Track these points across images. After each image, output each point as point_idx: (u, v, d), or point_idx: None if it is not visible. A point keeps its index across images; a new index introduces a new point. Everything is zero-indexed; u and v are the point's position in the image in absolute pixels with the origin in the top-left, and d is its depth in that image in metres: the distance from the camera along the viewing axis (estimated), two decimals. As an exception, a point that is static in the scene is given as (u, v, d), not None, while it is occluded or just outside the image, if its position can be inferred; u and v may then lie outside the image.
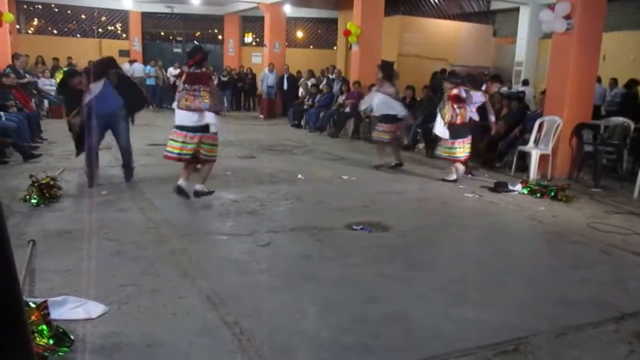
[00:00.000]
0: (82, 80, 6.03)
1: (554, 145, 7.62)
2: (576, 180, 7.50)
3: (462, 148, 7.17)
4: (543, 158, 7.66)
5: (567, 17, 7.43)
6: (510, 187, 6.79)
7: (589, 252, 4.59)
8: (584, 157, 7.62)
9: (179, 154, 5.40)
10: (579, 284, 3.80)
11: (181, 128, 5.33)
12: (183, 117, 5.32)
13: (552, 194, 6.44)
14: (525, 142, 7.95)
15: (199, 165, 5.76)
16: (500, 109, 9.37)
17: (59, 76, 6.34)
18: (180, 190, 5.49)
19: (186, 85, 5.29)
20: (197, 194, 5.60)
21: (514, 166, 8.01)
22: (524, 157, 8.02)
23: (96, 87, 6.01)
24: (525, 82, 12.91)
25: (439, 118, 7.25)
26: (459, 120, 7.05)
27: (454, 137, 7.11)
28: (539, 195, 6.51)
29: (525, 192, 6.64)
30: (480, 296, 3.50)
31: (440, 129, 7.23)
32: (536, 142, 7.80)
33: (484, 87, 7.92)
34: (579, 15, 7.36)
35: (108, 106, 6.04)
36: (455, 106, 7.06)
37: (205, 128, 5.34)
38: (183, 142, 5.33)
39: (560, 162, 7.70)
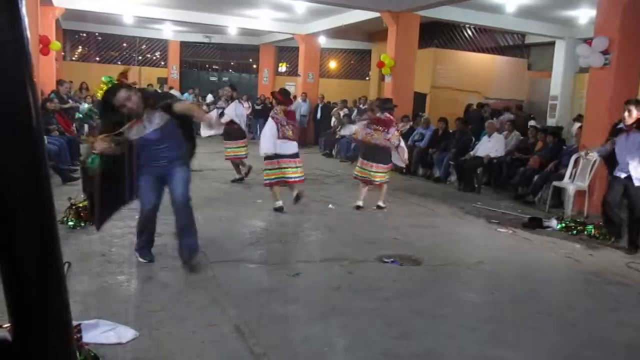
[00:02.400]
0: (133, 97, 3.99)
1: (591, 181, 7.45)
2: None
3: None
4: (579, 194, 7.49)
5: (605, 52, 7.35)
6: (545, 223, 6.64)
7: (628, 293, 4.43)
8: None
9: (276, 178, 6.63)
10: (618, 328, 3.66)
11: (277, 156, 6.55)
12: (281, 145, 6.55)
13: (589, 231, 6.27)
14: (561, 178, 7.80)
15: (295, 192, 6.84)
16: (534, 142, 9.27)
17: (100, 91, 4.17)
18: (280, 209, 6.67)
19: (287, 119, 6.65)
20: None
21: (548, 202, 7.84)
22: (559, 192, 7.86)
23: (154, 119, 4.11)
24: (578, 118, 11.86)
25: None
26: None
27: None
28: (575, 232, 6.34)
29: (561, 228, 6.49)
30: (515, 336, 3.40)
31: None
32: (572, 177, 7.65)
33: None
34: (617, 50, 7.27)
35: (168, 151, 4.22)
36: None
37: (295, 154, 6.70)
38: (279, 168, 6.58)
39: (597, 198, 7.50)
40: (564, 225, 6.51)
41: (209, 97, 17.86)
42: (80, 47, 20.65)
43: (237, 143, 8.70)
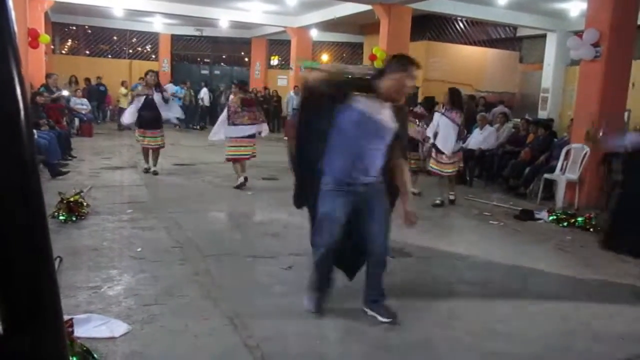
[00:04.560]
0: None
1: (582, 174, 7.50)
2: (604, 210, 7.34)
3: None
4: (570, 186, 7.54)
5: (596, 45, 7.38)
6: (537, 215, 6.69)
7: (619, 285, 4.47)
8: (613, 186, 7.47)
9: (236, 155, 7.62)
10: (609, 319, 3.70)
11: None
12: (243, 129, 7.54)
13: (580, 223, 6.32)
14: (552, 170, 7.85)
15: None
16: (526, 135, 9.31)
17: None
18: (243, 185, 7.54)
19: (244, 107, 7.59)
20: None
21: (540, 194, 7.89)
22: (551, 184, 7.91)
23: (389, 114, 3.18)
24: None
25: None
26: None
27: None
28: (565, 224, 6.39)
29: (552, 220, 6.53)
30: (507, 327, 3.43)
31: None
32: (563, 169, 7.69)
33: None
34: (607, 42, 7.30)
35: (372, 167, 3.20)
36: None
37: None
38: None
39: (587, 190, 7.57)
40: (555, 217, 6.55)
41: (204, 92, 17.76)
42: (69, 40, 20.47)
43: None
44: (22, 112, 0.66)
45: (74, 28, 19.85)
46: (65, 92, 12.82)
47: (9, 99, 0.65)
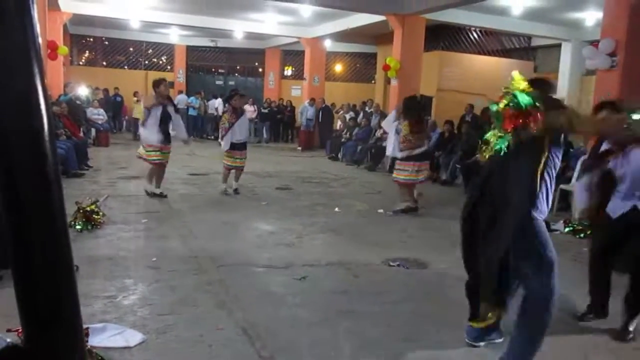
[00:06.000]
0: None
1: (599, 184, 7.40)
2: (622, 221, 7.23)
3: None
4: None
5: (612, 54, 7.32)
6: (553, 227, 6.60)
7: (637, 297, 4.38)
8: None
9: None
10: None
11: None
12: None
13: (597, 234, 6.23)
14: (568, 180, 7.76)
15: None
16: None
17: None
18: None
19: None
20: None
21: (556, 205, 7.80)
22: (567, 195, 7.82)
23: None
24: None
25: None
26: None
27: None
28: (582, 235, 6.31)
29: (568, 231, 6.45)
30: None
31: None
32: (579, 180, 7.60)
33: None
34: (623, 52, 7.24)
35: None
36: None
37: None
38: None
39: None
40: (571, 228, 6.48)
41: (217, 102, 17.87)
42: (87, 51, 20.79)
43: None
44: (45, 126, 0.67)
45: (92, 40, 20.17)
46: (80, 93, 12.99)
47: (34, 113, 0.66)
